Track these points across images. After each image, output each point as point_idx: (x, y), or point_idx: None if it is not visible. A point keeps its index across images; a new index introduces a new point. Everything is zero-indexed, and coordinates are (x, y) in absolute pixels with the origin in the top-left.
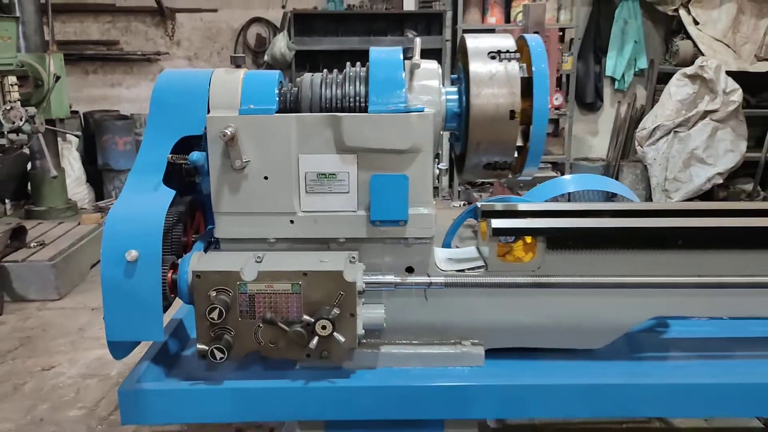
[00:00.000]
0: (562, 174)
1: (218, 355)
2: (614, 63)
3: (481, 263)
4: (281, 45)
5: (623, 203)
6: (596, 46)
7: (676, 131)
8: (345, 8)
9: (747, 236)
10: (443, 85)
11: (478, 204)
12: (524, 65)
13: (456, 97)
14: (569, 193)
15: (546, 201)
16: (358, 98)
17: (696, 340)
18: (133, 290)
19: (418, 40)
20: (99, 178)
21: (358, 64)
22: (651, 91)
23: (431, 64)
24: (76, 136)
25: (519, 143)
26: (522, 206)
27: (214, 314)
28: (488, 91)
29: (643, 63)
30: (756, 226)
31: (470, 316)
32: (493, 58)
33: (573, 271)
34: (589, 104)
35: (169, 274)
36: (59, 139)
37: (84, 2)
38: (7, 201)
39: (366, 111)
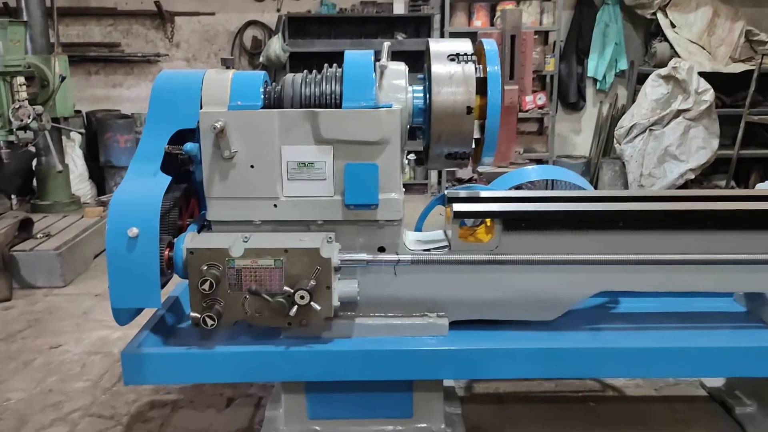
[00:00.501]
0: None
1: (209, 322)
2: (596, 64)
3: (445, 244)
4: (276, 47)
5: (574, 191)
6: (578, 48)
7: (651, 129)
8: (337, 12)
9: (680, 219)
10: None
11: (446, 192)
12: (480, 66)
13: (421, 94)
14: (552, 183)
15: (509, 189)
16: (333, 96)
17: (642, 314)
18: (134, 263)
19: (386, 44)
20: (101, 174)
21: (334, 65)
22: (631, 91)
23: (399, 66)
24: (80, 133)
25: (477, 135)
26: (483, 193)
27: (206, 286)
28: (447, 89)
29: (623, 64)
30: (688, 209)
31: (435, 291)
32: (452, 60)
33: (527, 250)
34: (573, 104)
35: (166, 252)
36: (63, 137)
37: (87, 6)
38: (12, 196)
39: (340, 107)
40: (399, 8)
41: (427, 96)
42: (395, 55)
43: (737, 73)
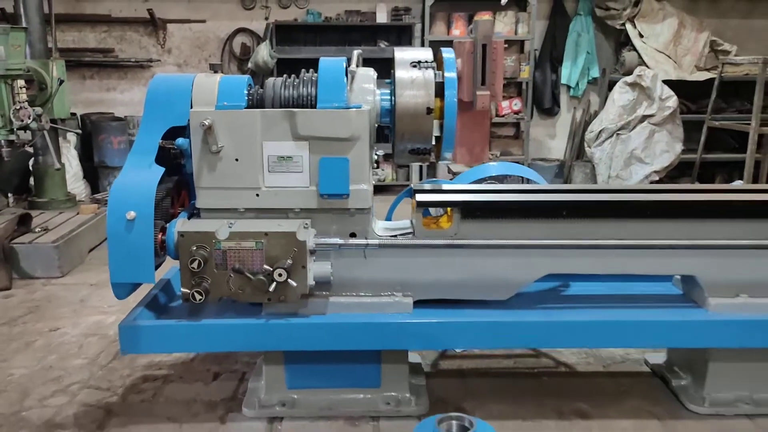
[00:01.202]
0: None
1: (197, 297)
2: (569, 72)
3: (410, 231)
4: (264, 53)
5: (528, 185)
6: (552, 56)
7: (618, 133)
8: (323, 20)
9: (618, 208)
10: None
11: (413, 185)
12: (440, 72)
13: (388, 97)
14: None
15: (471, 183)
16: (309, 97)
17: (588, 296)
18: (132, 242)
19: (356, 52)
20: (95, 174)
21: (311, 70)
22: (603, 98)
23: (368, 71)
24: (77, 133)
25: (437, 134)
26: (445, 186)
27: (194, 264)
28: (409, 92)
29: (595, 72)
30: (625, 200)
31: (401, 273)
32: (414, 66)
33: (482, 236)
34: (547, 109)
35: (159, 236)
36: (60, 137)
37: (82, 13)
38: (9, 195)
39: (315, 107)
40: (382, 17)
41: (393, 98)
42: (379, 62)
43: (701, 81)
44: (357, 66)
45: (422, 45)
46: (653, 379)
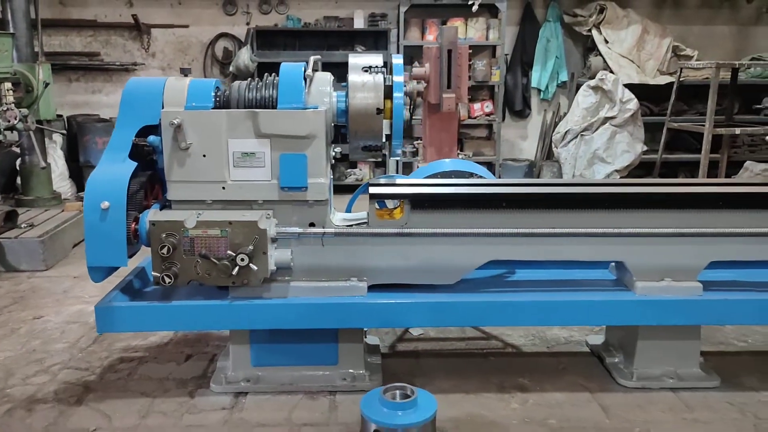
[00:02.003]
0: (493, 171)
1: (167, 280)
2: (539, 76)
3: (365, 221)
4: (245, 57)
5: (476, 179)
6: (523, 61)
7: (582, 134)
8: (302, 26)
9: (552, 200)
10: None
11: (369, 180)
12: (390, 76)
13: (343, 99)
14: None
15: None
16: (270, 99)
17: (530, 281)
18: (106, 229)
19: (312, 58)
20: (80, 173)
21: (273, 74)
22: (571, 101)
23: (325, 75)
24: (62, 133)
25: (387, 132)
26: (398, 180)
27: (164, 250)
28: (361, 94)
29: (564, 76)
30: (559, 192)
31: (356, 260)
32: (365, 71)
33: (430, 225)
34: (519, 111)
35: (133, 225)
36: (46, 138)
37: (69, 18)
38: None
39: (276, 107)
40: (359, 23)
41: (347, 100)
42: None
43: (663, 85)
44: (314, 70)
45: (398, 50)
46: (591, 358)
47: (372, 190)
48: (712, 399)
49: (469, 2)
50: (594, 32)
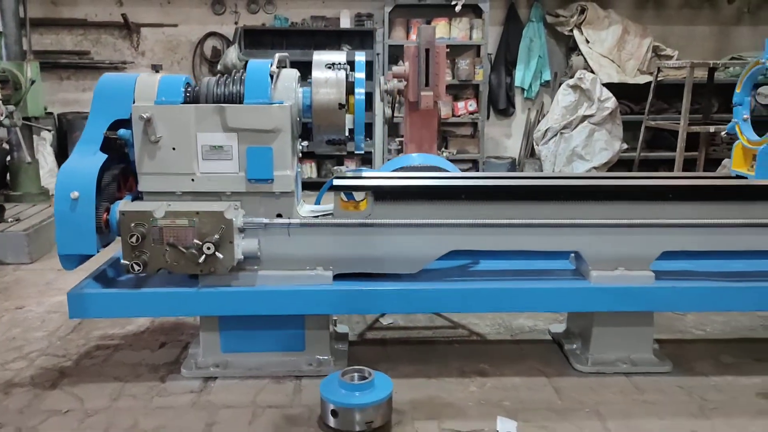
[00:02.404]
0: (477, 168)
1: (136, 268)
2: (522, 75)
3: (331, 212)
4: (233, 56)
5: (438, 173)
6: (507, 60)
7: (561, 132)
8: (289, 25)
9: (510, 192)
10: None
11: (336, 174)
12: (352, 72)
13: (309, 95)
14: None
15: (393, 171)
16: (238, 94)
17: (492, 270)
18: (76, 219)
19: (277, 55)
20: None
21: (241, 71)
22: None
23: (291, 72)
24: (48, 130)
25: (350, 126)
26: (364, 173)
27: (133, 239)
28: (324, 90)
29: (547, 75)
30: (517, 185)
31: (322, 249)
32: (329, 68)
33: (393, 216)
34: (503, 110)
35: (105, 215)
36: (35, 135)
37: (60, 17)
38: None
39: (242, 103)
40: (345, 22)
41: (311, 96)
42: None
43: (643, 84)
44: (278, 68)
45: (382, 49)
46: (552, 346)
47: (336, 182)
48: (663, 383)
49: (453, 3)
50: (575, 32)
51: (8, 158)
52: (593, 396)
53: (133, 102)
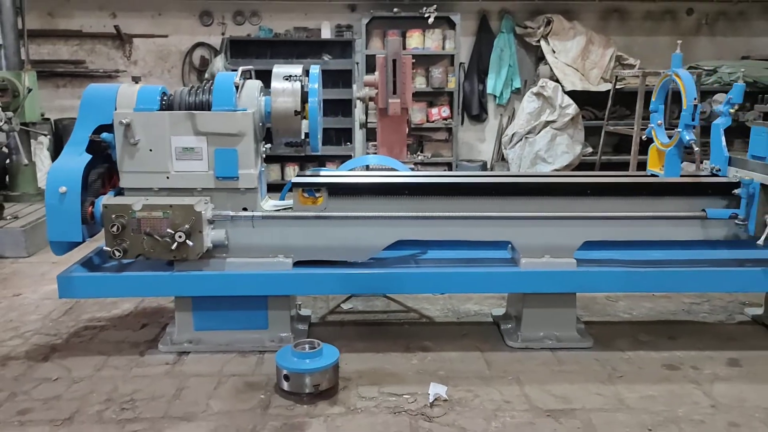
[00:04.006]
0: (450, 170)
1: (117, 253)
2: (494, 83)
3: (291, 206)
4: (220, 65)
5: (390, 172)
6: (479, 68)
7: (526, 137)
8: (273, 36)
9: (449, 188)
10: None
11: (297, 172)
12: (307, 83)
13: (270, 103)
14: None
15: (350, 169)
16: (207, 102)
17: (437, 259)
18: (63, 210)
19: (241, 68)
20: None
21: (211, 81)
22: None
23: (255, 83)
24: (44, 134)
25: (306, 131)
26: (322, 172)
27: (115, 228)
28: (282, 99)
29: (517, 83)
30: (455, 182)
31: (282, 239)
32: (286, 79)
33: (346, 209)
34: (476, 116)
35: (90, 208)
36: (32, 140)
37: (56, 29)
38: None
39: (211, 110)
40: (326, 33)
41: (271, 104)
42: (323, 73)
43: (605, 91)
44: (246, 79)
45: (361, 58)
46: (492, 327)
47: (295, 180)
48: (581, 356)
49: (426, 15)
50: (543, 43)
51: (7, 161)
52: (518, 366)
53: (115, 109)
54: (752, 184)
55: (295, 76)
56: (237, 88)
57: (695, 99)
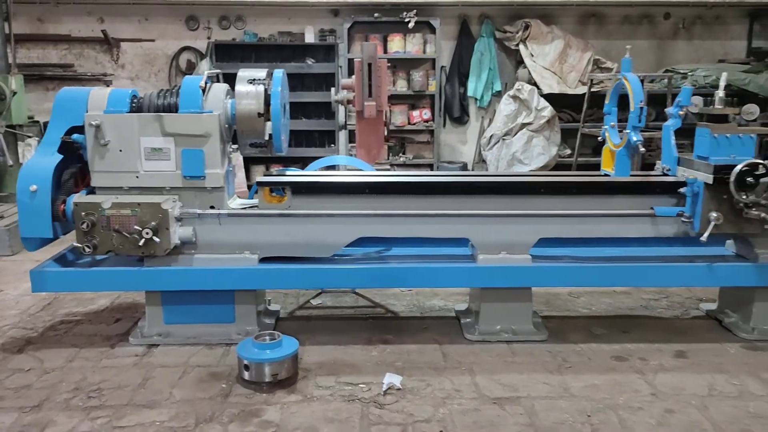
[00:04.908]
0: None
1: (87, 249)
2: (474, 86)
3: (257, 205)
4: (205, 69)
5: (353, 171)
6: (460, 72)
7: (503, 139)
8: (258, 40)
9: (409, 187)
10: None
11: (264, 172)
12: (271, 87)
13: (235, 105)
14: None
15: (318, 169)
16: (174, 105)
17: (400, 255)
18: (34, 207)
19: (206, 72)
20: None
21: (179, 85)
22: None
23: (222, 86)
24: (29, 136)
25: (270, 132)
26: (288, 172)
27: (85, 225)
28: (246, 101)
29: (498, 86)
30: (414, 181)
31: (248, 236)
32: (250, 83)
33: (309, 207)
34: (458, 118)
35: (62, 206)
36: (19, 141)
37: (45, 33)
38: None
39: (178, 112)
40: (310, 38)
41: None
42: (307, 76)
43: (582, 94)
44: (213, 83)
45: (343, 62)
46: (453, 321)
47: (260, 179)
48: (535, 348)
49: (406, 20)
50: (521, 47)
51: None
52: (473, 358)
53: (87, 111)
54: (696, 183)
55: (259, 79)
56: (203, 91)
57: (641, 102)
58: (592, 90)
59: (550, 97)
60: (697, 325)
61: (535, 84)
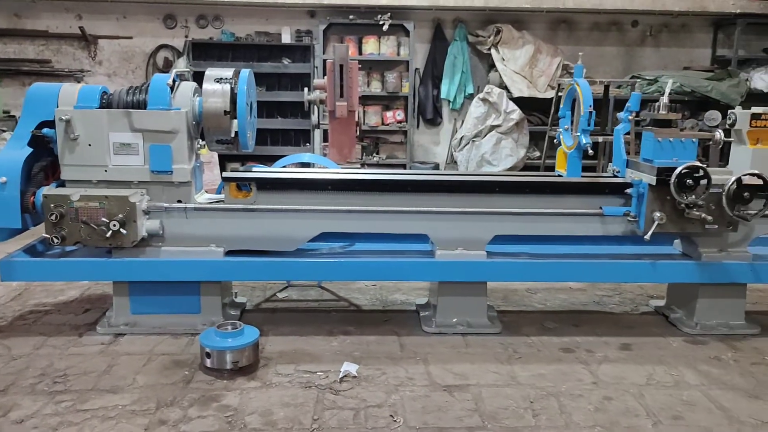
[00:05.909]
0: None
1: (55, 240)
2: (447, 88)
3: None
4: (182, 67)
5: (318, 169)
6: (434, 74)
7: (473, 140)
8: (235, 39)
9: (369, 184)
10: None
11: (231, 168)
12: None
13: (202, 103)
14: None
15: (284, 166)
16: (143, 101)
17: (364, 250)
18: (4, 199)
19: (174, 71)
20: None
21: (148, 83)
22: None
23: (190, 84)
24: (3, 130)
25: (236, 129)
26: (254, 168)
27: (53, 217)
28: (212, 99)
29: (470, 89)
30: (374, 179)
31: (214, 230)
32: (217, 81)
33: (273, 203)
34: (431, 120)
35: (31, 198)
36: None
37: (23, 28)
38: None
39: (146, 108)
40: (286, 38)
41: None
42: (284, 76)
43: (551, 98)
44: (181, 81)
45: (320, 62)
46: (413, 314)
47: (225, 174)
48: (489, 340)
49: (381, 22)
50: (493, 51)
51: None
52: (428, 349)
53: (57, 107)
54: (641, 184)
55: (226, 78)
56: (171, 88)
57: (590, 106)
58: (560, 94)
59: (520, 101)
60: (645, 320)
61: (506, 87)
